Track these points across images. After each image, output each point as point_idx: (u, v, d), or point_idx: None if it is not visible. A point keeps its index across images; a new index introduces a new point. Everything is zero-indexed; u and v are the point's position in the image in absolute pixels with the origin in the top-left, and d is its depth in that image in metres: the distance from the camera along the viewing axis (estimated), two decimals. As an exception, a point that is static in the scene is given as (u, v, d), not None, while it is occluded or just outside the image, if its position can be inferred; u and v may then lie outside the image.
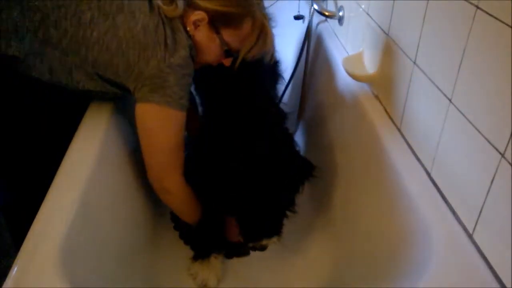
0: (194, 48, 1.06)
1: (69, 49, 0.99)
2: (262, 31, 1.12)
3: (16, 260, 0.78)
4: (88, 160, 0.99)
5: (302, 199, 1.15)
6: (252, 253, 1.29)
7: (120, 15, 0.99)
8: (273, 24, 1.37)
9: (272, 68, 1.41)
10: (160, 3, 1.03)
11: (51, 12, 0.98)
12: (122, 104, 1.21)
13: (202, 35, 1.06)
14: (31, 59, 0.99)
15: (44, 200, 0.89)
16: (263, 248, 1.21)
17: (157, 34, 0.99)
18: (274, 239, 1.16)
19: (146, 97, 1.00)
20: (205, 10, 1.03)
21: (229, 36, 1.08)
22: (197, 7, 1.03)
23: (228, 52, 1.11)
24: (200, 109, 1.45)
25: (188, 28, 1.05)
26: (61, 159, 0.99)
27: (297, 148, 1.19)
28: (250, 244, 1.19)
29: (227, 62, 1.16)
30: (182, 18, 1.04)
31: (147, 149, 1.07)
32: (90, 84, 1.04)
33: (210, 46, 1.09)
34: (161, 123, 1.04)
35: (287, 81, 1.68)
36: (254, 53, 1.13)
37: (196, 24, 1.04)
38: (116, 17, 0.99)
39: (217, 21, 1.05)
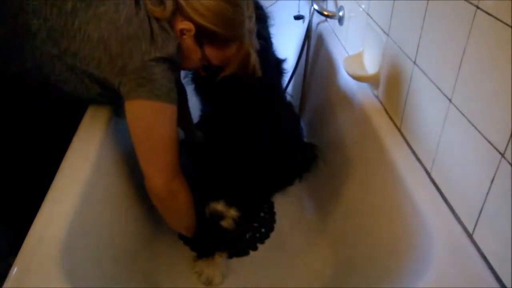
0: (180, 49, 1.03)
1: (48, 40, 0.97)
2: (246, 59, 1.09)
3: (16, 261, 0.78)
4: (87, 160, 0.99)
5: (302, 198, 1.15)
6: (252, 253, 1.29)
7: (102, 7, 0.97)
8: (271, 22, 1.37)
9: (277, 64, 1.40)
10: (147, 1, 0.99)
11: None
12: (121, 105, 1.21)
13: (186, 44, 1.03)
14: (16, 44, 0.97)
15: (44, 201, 0.89)
16: (217, 216, 1.18)
17: (142, 28, 0.96)
18: (231, 210, 1.16)
19: (133, 93, 0.96)
20: (194, 22, 1.00)
21: (211, 53, 1.06)
22: (187, 17, 1.00)
23: (206, 66, 1.10)
24: (199, 108, 1.46)
25: None
26: (60, 160, 0.99)
27: (302, 132, 1.18)
28: (206, 210, 1.18)
29: (202, 72, 1.15)
30: (170, 21, 1.01)
31: (145, 150, 1.00)
32: (71, 77, 1.01)
33: (191, 57, 1.07)
34: (154, 118, 0.99)
35: (287, 81, 1.68)
36: (233, 72, 1.12)
37: (182, 33, 1.02)
38: (98, 7, 0.97)
39: (203, 36, 1.03)
